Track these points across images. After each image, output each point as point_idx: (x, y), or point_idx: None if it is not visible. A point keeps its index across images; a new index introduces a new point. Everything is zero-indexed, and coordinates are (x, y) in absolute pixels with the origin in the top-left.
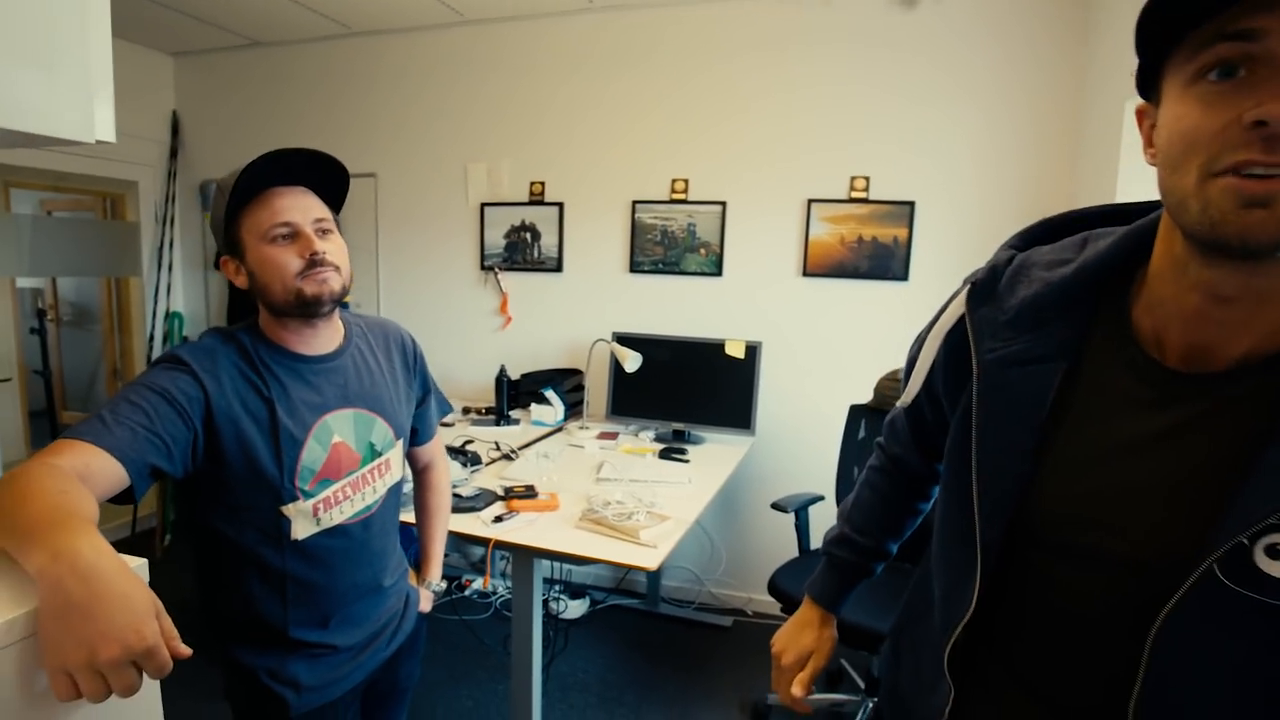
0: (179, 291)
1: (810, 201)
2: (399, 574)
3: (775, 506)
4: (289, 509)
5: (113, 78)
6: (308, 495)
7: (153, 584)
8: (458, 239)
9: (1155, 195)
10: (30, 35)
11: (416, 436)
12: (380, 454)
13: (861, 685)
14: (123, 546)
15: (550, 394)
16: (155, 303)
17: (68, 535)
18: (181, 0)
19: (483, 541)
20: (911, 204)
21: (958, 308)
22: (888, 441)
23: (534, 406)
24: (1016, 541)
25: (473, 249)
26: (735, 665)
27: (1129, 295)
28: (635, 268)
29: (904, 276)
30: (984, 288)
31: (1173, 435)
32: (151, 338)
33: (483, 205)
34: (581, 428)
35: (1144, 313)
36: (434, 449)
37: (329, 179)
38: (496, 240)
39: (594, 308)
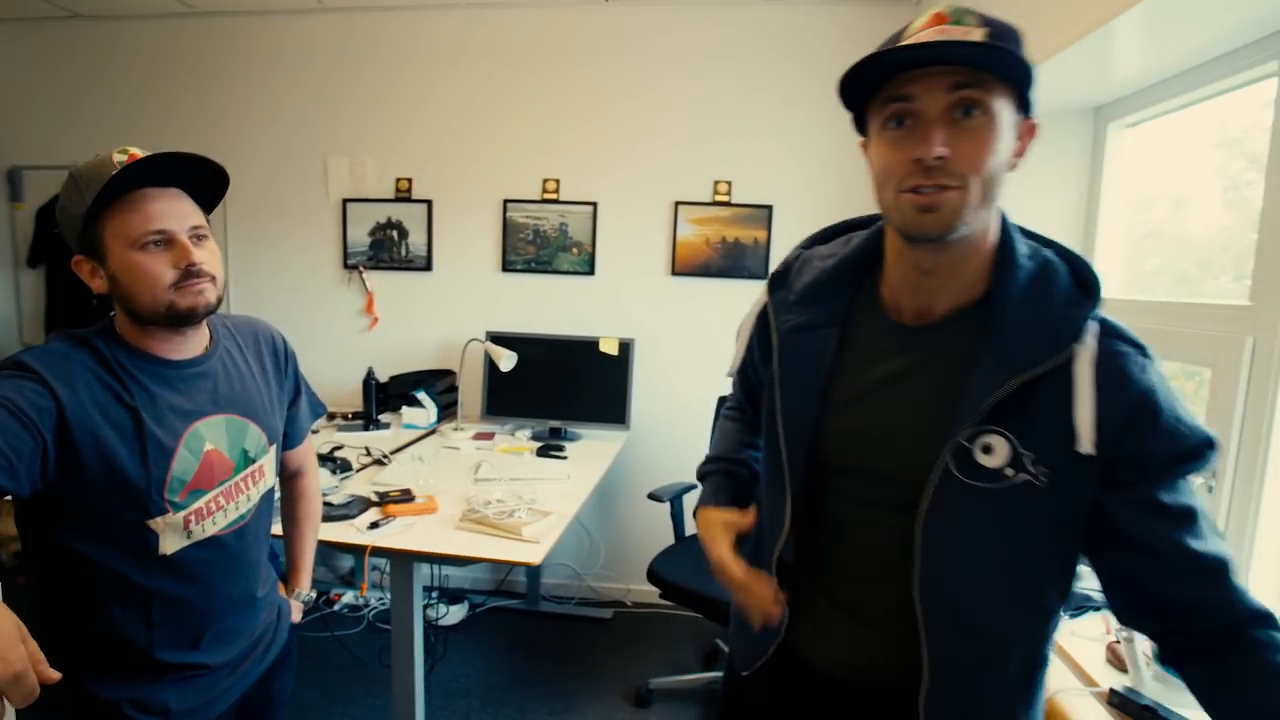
0: None
1: (677, 204)
2: (270, 585)
3: (652, 497)
4: (156, 523)
5: None
6: (178, 507)
7: None
8: (318, 236)
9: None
10: None
11: (286, 440)
12: (254, 460)
13: None
14: None
15: (422, 396)
16: None
17: None
18: None
19: (358, 549)
20: (770, 208)
21: (763, 295)
22: (730, 400)
23: (405, 409)
24: (816, 471)
25: (335, 246)
26: (616, 655)
27: (877, 276)
28: (508, 266)
29: (763, 275)
30: (778, 278)
31: (909, 373)
32: None
33: (345, 201)
34: (456, 429)
35: (886, 287)
36: (304, 453)
37: (204, 181)
38: (361, 238)
39: (466, 307)
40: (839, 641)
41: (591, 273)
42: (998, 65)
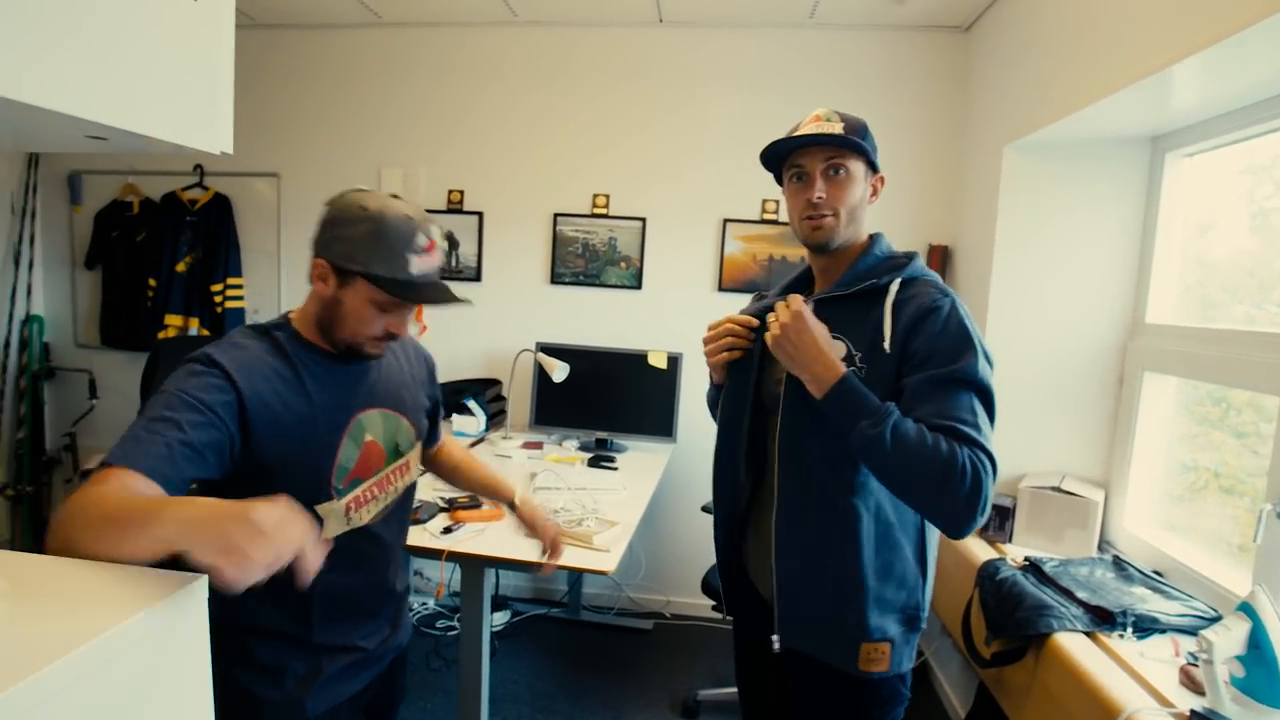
0: (40, 293)
1: (725, 221)
2: (406, 577)
3: (707, 510)
4: (323, 508)
5: (232, 88)
6: (341, 494)
7: None
8: None
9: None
10: (171, 45)
11: (429, 441)
12: (402, 454)
13: None
14: None
15: (473, 404)
16: (12, 305)
17: (177, 507)
18: None
19: (436, 553)
20: None
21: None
22: None
23: (455, 417)
24: (764, 416)
25: None
26: (660, 666)
27: (813, 284)
28: (556, 279)
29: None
30: (757, 298)
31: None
32: (7, 343)
33: None
34: (505, 438)
35: (824, 277)
36: (443, 440)
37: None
38: None
39: (514, 318)
40: (762, 563)
41: (639, 287)
42: (850, 145)
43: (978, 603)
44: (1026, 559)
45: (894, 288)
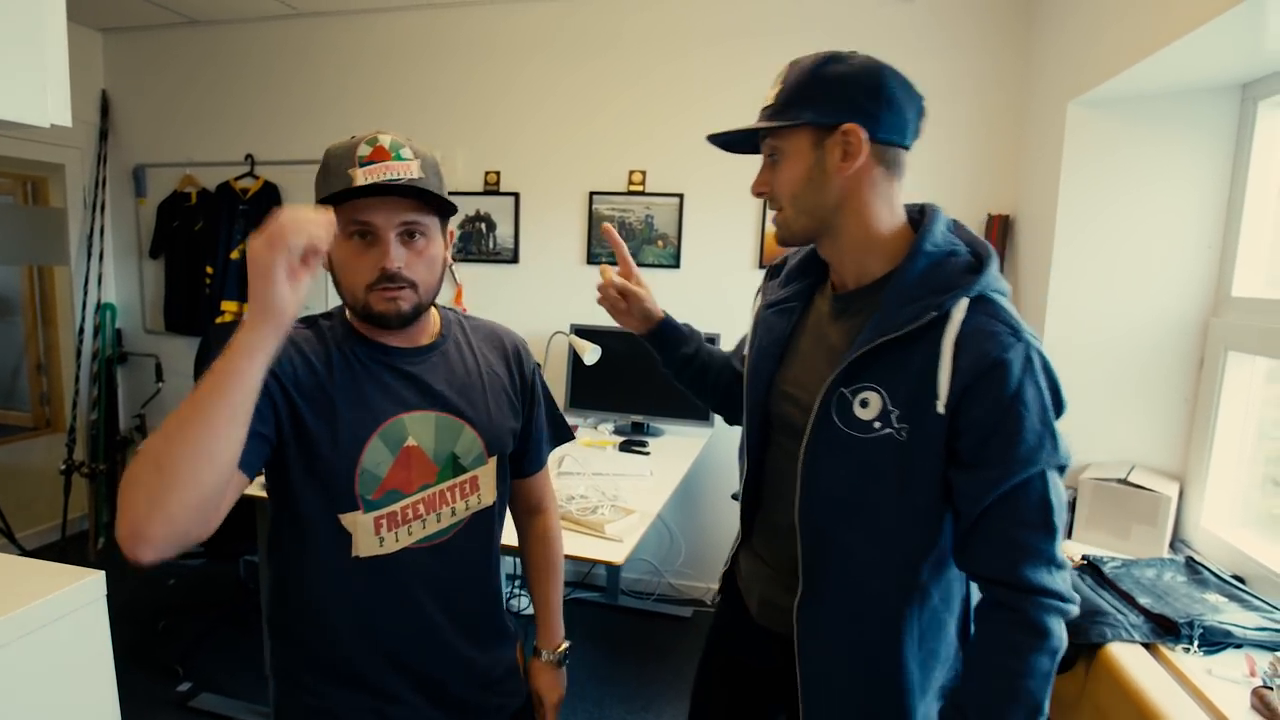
0: (111, 281)
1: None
2: (496, 643)
3: (736, 497)
4: (347, 519)
5: (66, 59)
6: (370, 506)
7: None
8: None
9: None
10: None
11: (521, 466)
12: (465, 470)
13: None
14: (52, 552)
15: None
16: (85, 293)
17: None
18: None
19: None
20: None
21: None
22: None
23: None
24: (769, 430)
25: None
26: (696, 656)
27: (829, 269)
28: (593, 259)
29: None
30: (773, 271)
31: (829, 333)
32: (81, 330)
33: None
34: None
35: (833, 273)
36: (542, 486)
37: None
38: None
39: (551, 299)
40: (753, 584)
41: (677, 266)
42: (769, 130)
43: None
44: (1085, 558)
45: (957, 315)
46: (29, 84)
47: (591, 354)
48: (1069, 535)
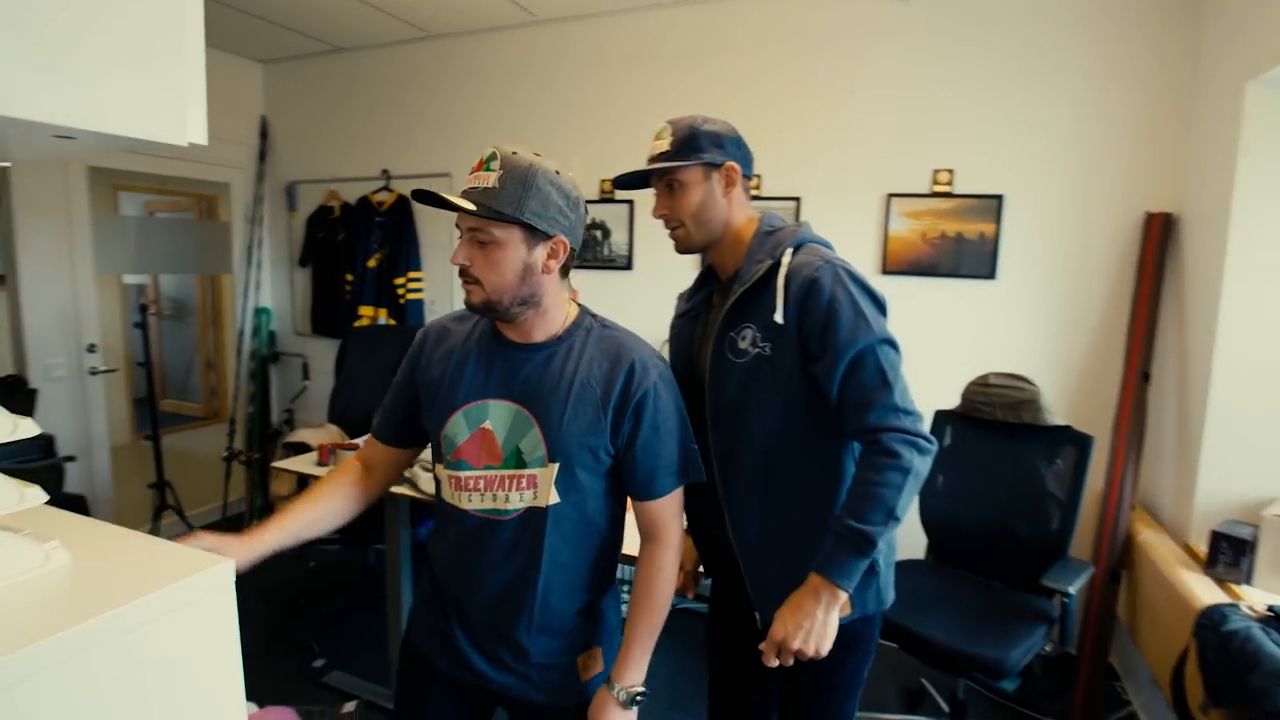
0: (267, 287)
1: (890, 196)
2: (540, 637)
3: None
4: (439, 469)
5: (204, 81)
6: (449, 465)
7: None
8: None
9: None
10: (128, 42)
11: (631, 488)
12: (525, 465)
13: (945, 709)
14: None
15: None
16: (245, 298)
17: None
18: (270, 10)
19: None
20: (999, 197)
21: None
22: None
23: None
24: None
25: None
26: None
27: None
28: None
29: (991, 274)
30: (681, 295)
31: (724, 304)
32: (241, 331)
33: None
34: None
35: (718, 270)
36: (655, 516)
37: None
38: None
39: (664, 306)
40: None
41: None
42: (661, 171)
43: (1195, 657)
44: (1270, 608)
45: (785, 260)
46: (170, 106)
47: None
48: (1246, 580)
